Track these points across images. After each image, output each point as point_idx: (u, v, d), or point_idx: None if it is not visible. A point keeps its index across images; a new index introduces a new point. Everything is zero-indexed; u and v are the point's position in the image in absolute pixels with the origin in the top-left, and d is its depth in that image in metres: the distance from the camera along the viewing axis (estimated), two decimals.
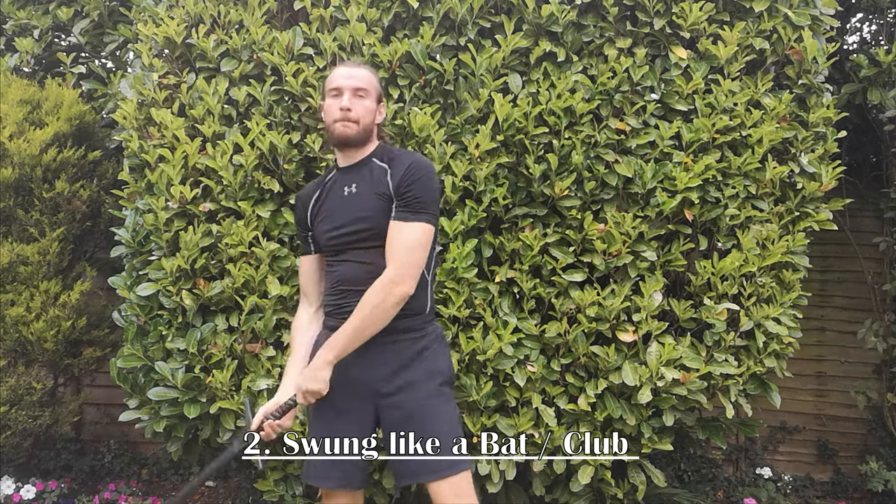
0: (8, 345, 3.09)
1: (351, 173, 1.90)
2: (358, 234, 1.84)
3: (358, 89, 1.86)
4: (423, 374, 1.83)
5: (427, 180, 1.81)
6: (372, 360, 1.82)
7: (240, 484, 3.62)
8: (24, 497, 3.27)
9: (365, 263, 1.83)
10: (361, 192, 1.86)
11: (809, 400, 4.09)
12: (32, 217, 3.19)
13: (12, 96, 3.29)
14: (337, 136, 1.87)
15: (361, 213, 1.84)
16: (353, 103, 1.85)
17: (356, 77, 1.88)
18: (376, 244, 1.81)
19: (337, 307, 1.87)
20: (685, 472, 3.80)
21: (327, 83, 1.91)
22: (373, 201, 1.83)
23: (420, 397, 1.81)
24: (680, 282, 2.82)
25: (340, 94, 1.86)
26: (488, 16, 2.86)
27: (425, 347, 1.85)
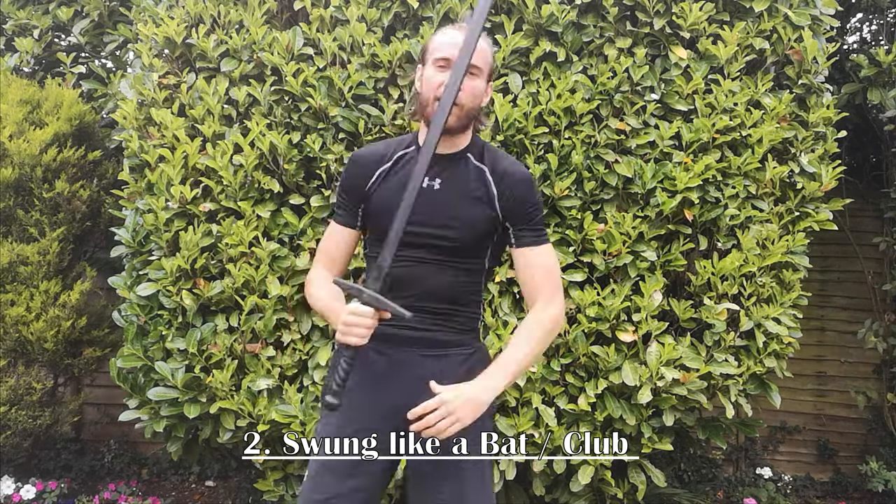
0: (8, 345, 3.09)
1: (438, 163, 1.57)
2: (438, 240, 1.55)
3: (471, 67, 1.51)
4: None
5: (538, 196, 1.62)
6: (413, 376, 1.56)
7: (240, 484, 3.62)
8: (24, 497, 3.27)
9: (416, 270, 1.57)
10: (451, 193, 1.57)
11: (809, 400, 4.09)
12: (32, 217, 3.19)
13: (12, 96, 3.29)
14: None
15: (448, 222, 1.55)
16: (465, 83, 1.50)
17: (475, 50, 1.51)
18: (458, 257, 1.57)
19: None
20: (685, 472, 3.80)
21: (434, 48, 1.55)
22: (464, 212, 1.56)
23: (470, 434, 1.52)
24: (680, 282, 2.82)
25: (448, 69, 1.51)
26: (488, 16, 2.85)
27: (477, 364, 1.61)
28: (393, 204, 1.50)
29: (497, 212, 1.58)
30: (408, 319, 1.45)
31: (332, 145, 2.75)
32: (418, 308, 1.52)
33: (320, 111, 2.75)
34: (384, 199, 1.59)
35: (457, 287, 1.60)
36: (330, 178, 2.75)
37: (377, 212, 1.61)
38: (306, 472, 1.65)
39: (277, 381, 2.66)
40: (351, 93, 2.74)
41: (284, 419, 2.57)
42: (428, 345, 1.58)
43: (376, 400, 1.59)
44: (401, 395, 1.55)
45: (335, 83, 2.74)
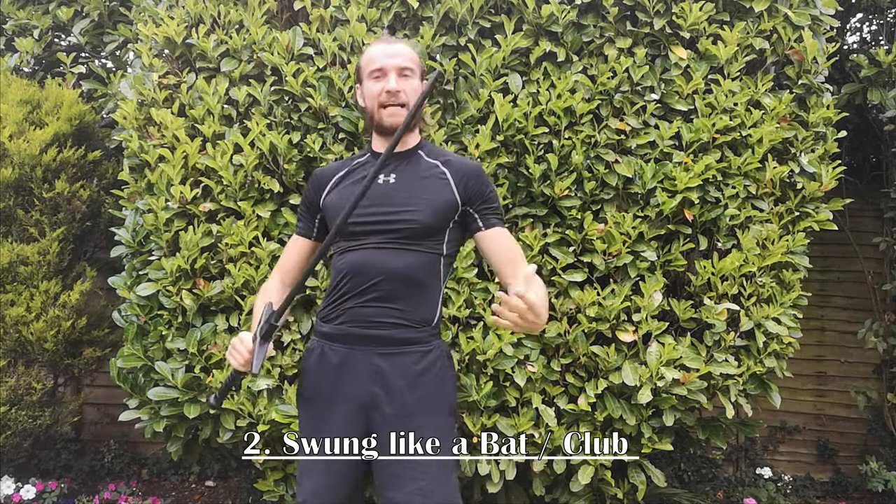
0: (8, 345, 3.09)
1: (390, 161, 1.70)
2: (399, 224, 1.64)
3: (403, 69, 1.67)
4: (432, 398, 1.65)
5: (492, 185, 1.75)
6: (373, 373, 1.65)
7: (240, 484, 3.62)
8: (24, 497, 3.27)
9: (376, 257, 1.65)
10: (406, 184, 1.68)
11: (809, 400, 4.09)
12: (32, 217, 3.19)
13: (12, 96, 3.29)
14: (386, 125, 1.67)
15: (408, 206, 1.65)
16: (401, 84, 1.65)
17: (400, 54, 1.68)
18: (417, 241, 1.66)
19: (334, 310, 1.68)
20: (685, 472, 3.80)
21: (366, 63, 1.70)
22: (425, 197, 1.66)
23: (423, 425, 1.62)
24: (680, 282, 2.83)
25: (384, 76, 1.66)
26: (488, 16, 2.86)
27: (434, 364, 1.68)
28: (346, 201, 1.59)
29: (456, 196, 1.68)
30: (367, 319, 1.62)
31: (332, 145, 2.75)
32: (378, 294, 1.63)
33: (320, 111, 2.75)
34: (339, 199, 1.71)
35: (416, 269, 1.66)
36: None
37: (331, 209, 1.72)
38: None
39: (277, 381, 2.65)
40: (351, 93, 2.74)
41: (284, 419, 2.57)
42: (384, 343, 1.65)
43: (338, 399, 1.66)
44: (360, 393, 1.65)
45: (335, 83, 2.74)
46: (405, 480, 1.59)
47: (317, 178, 1.80)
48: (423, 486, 1.59)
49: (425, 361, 1.67)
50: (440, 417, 1.66)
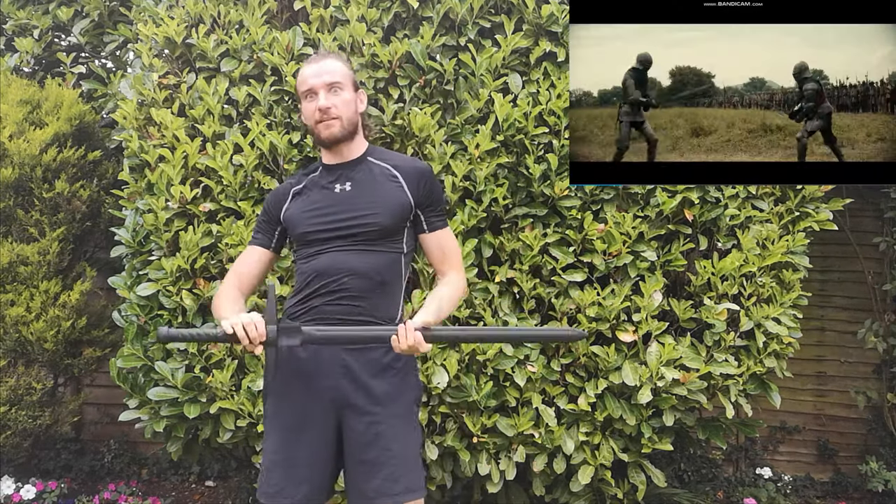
0: (8, 345, 3.09)
1: (342, 171, 1.83)
2: (360, 228, 1.75)
3: (331, 84, 1.77)
4: (395, 389, 1.76)
5: (439, 185, 1.87)
6: (341, 368, 1.73)
7: (240, 484, 3.62)
8: (24, 497, 3.27)
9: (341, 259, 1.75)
10: (360, 190, 1.79)
11: (809, 400, 4.09)
12: (32, 217, 3.19)
13: (12, 96, 3.29)
14: (324, 138, 1.79)
15: (365, 210, 1.76)
16: (330, 100, 1.76)
17: (326, 72, 1.78)
18: (377, 242, 1.77)
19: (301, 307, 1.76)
20: (685, 472, 3.80)
21: (299, 85, 1.82)
22: (381, 201, 1.78)
23: (390, 415, 1.73)
24: (680, 282, 2.82)
25: (315, 95, 1.78)
26: (488, 16, 2.86)
27: (396, 358, 1.76)
28: (304, 210, 1.80)
29: (410, 198, 1.80)
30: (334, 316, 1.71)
31: None
32: (345, 293, 1.73)
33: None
34: (298, 210, 1.83)
35: (380, 268, 1.77)
36: None
37: (293, 221, 1.82)
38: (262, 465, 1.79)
39: None
40: None
41: None
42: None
43: (308, 394, 1.74)
44: (329, 388, 1.74)
45: None
46: (375, 469, 1.70)
47: (276, 195, 1.91)
48: (391, 472, 1.70)
49: (390, 355, 1.75)
50: (405, 407, 1.78)
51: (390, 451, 1.72)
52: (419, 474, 1.77)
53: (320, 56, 1.84)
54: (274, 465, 1.75)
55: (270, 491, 1.74)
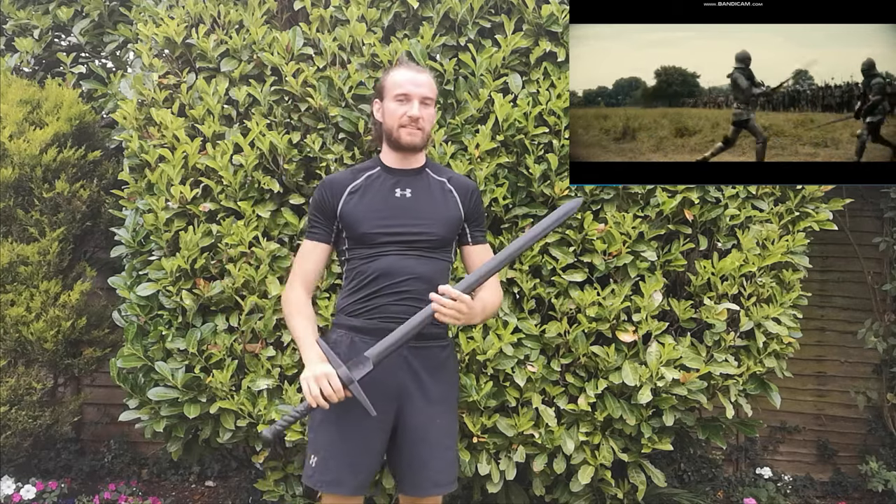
0: (8, 345, 3.09)
1: (403, 177, 1.94)
2: (419, 237, 1.88)
3: (426, 98, 1.90)
4: (448, 385, 1.95)
5: (482, 201, 2.08)
6: (404, 365, 1.87)
7: (240, 484, 3.63)
8: (24, 497, 3.27)
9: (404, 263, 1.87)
10: (420, 200, 1.92)
11: (809, 400, 4.09)
12: (32, 217, 3.19)
13: (12, 96, 3.29)
14: (404, 143, 1.89)
15: (426, 220, 1.90)
16: (422, 112, 1.88)
17: (424, 85, 1.90)
18: (433, 251, 1.91)
19: (364, 305, 1.87)
20: (685, 472, 3.79)
21: (391, 85, 1.90)
22: (439, 213, 1.92)
23: (443, 411, 1.91)
24: (680, 282, 2.82)
25: (408, 101, 1.88)
26: (488, 16, 2.86)
27: (449, 357, 1.98)
28: (365, 211, 1.89)
29: (462, 213, 1.97)
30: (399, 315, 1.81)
31: (332, 145, 2.75)
32: (408, 295, 1.84)
33: (320, 111, 2.75)
34: (357, 208, 1.90)
35: (436, 276, 1.91)
36: None
37: (353, 219, 1.90)
38: (310, 457, 1.89)
39: (277, 381, 2.66)
40: (351, 93, 2.74)
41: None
42: (414, 338, 1.82)
43: (372, 390, 1.80)
44: (392, 383, 1.86)
45: (335, 83, 2.74)
46: (428, 462, 1.87)
47: (332, 186, 1.95)
48: (442, 464, 1.89)
49: (445, 353, 1.95)
50: (453, 404, 1.99)
51: (442, 445, 1.89)
52: (457, 466, 2.01)
53: (416, 67, 1.96)
54: (332, 456, 1.86)
55: (327, 479, 1.85)
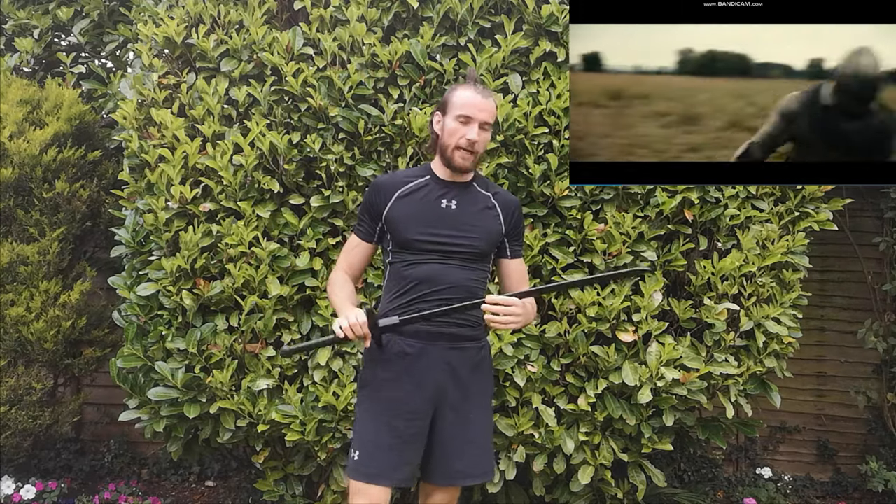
0: (8, 345, 3.09)
1: (451, 189, 1.97)
2: (462, 247, 1.93)
3: (485, 123, 1.92)
4: (484, 383, 2.02)
5: (523, 217, 2.12)
6: (446, 366, 1.93)
7: (240, 484, 3.62)
8: (24, 497, 3.27)
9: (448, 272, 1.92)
10: (466, 212, 1.96)
11: (809, 400, 4.09)
12: (32, 217, 3.19)
13: (12, 96, 3.29)
14: (457, 166, 1.93)
15: (470, 232, 1.94)
16: (481, 136, 1.91)
17: (488, 110, 1.91)
18: (473, 262, 1.95)
19: (407, 309, 1.91)
20: (685, 472, 3.79)
21: (457, 105, 1.92)
22: (481, 226, 1.96)
23: (477, 407, 1.98)
24: (680, 282, 2.82)
25: (469, 123, 1.90)
26: (488, 16, 2.86)
27: (485, 357, 2.03)
28: (411, 218, 1.94)
29: (503, 228, 2.01)
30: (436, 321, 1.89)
31: (332, 145, 2.75)
32: (446, 303, 1.89)
33: (320, 111, 2.75)
34: (403, 214, 1.95)
35: (475, 285, 1.97)
36: (330, 177, 2.75)
37: (397, 225, 1.95)
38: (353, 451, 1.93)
39: (277, 381, 2.66)
40: (351, 93, 2.74)
41: (284, 419, 2.57)
42: (452, 339, 1.93)
43: (416, 388, 1.91)
44: (432, 381, 1.92)
45: (335, 83, 2.74)
46: (461, 454, 1.95)
47: (382, 188, 2.00)
48: (475, 457, 1.98)
49: (482, 354, 2.02)
50: (489, 400, 2.07)
51: (476, 438, 1.97)
52: (493, 458, 2.11)
53: (483, 90, 1.94)
54: (376, 450, 1.90)
55: (372, 472, 1.89)
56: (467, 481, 2.03)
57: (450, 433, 1.94)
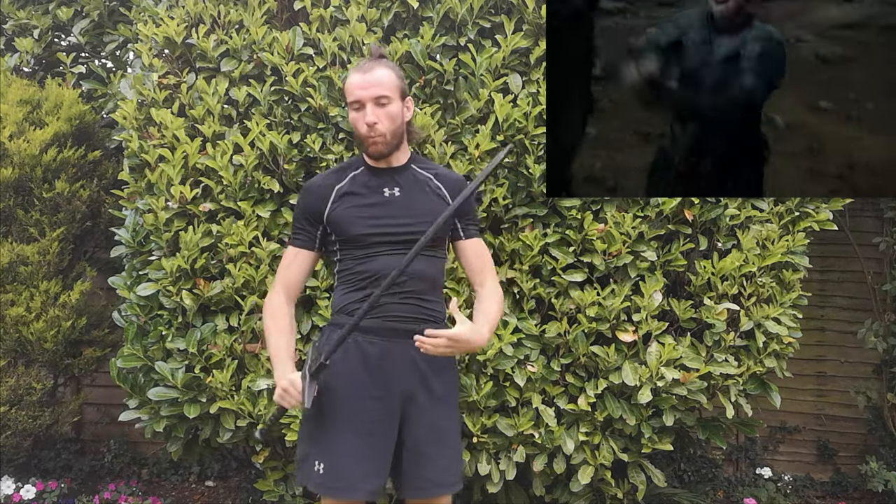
0: (8, 345, 3.09)
1: (387, 176, 1.88)
2: (412, 235, 1.79)
3: (379, 98, 1.78)
4: (450, 388, 1.92)
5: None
6: (411, 365, 1.84)
7: (240, 484, 3.63)
8: (24, 497, 3.27)
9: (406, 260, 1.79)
10: (409, 197, 1.87)
11: (809, 400, 4.09)
12: (32, 217, 3.19)
13: (12, 96, 3.29)
14: (372, 154, 1.84)
15: (417, 218, 1.83)
16: (378, 115, 1.78)
17: (374, 83, 1.78)
18: (427, 250, 1.82)
19: (362, 300, 1.78)
20: (685, 472, 3.80)
21: (347, 92, 1.82)
22: (429, 210, 1.84)
23: (445, 412, 1.89)
24: (680, 282, 2.82)
25: (362, 108, 1.79)
26: (488, 16, 2.86)
27: (452, 357, 1.93)
28: (355, 213, 1.84)
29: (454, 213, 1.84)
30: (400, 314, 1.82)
31: (332, 145, 2.75)
32: (409, 294, 1.82)
33: (320, 111, 2.75)
34: (346, 211, 1.85)
35: (434, 273, 1.90)
36: None
37: (341, 223, 1.85)
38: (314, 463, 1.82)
39: None
40: None
41: (284, 419, 2.57)
42: (412, 335, 1.75)
43: (378, 386, 1.82)
44: (394, 380, 1.83)
45: (335, 83, 2.74)
46: (432, 461, 1.84)
47: (317, 189, 1.90)
48: (446, 463, 1.86)
49: None
50: (454, 404, 1.96)
51: (446, 445, 1.87)
52: (461, 465, 2.00)
53: (369, 64, 1.81)
54: (340, 458, 1.79)
55: (340, 486, 1.78)
56: (439, 491, 1.85)
57: (418, 441, 1.83)
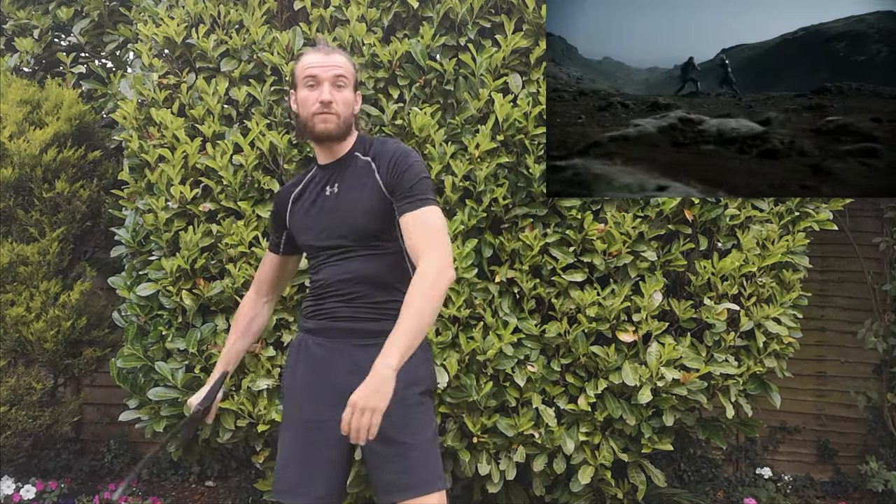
0: (8, 345, 3.09)
1: (332, 170, 1.79)
2: (345, 237, 1.73)
3: (338, 77, 1.72)
4: (403, 382, 1.56)
5: (418, 166, 1.70)
6: (351, 366, 1.68)
7: (240, 484, 3.62)
8: (24, 497, 3.27)
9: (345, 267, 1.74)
10: (344, 194, 1.75)
11: (809, 400, 4.09)
12: (32, 217, 3.19)
13: (12, 96, 3.29)
14: (318, 132, 1.72)
15: (349, 214, 1.73)
16: (333, 95, 1.71)
17: (334, 65, 1.72)
18: (366, 245, 1.72)
19: (316, 308, 1.79)
20: (685, 472, 3.80)
21: (300, 70, 1.75)
22: (363, 202, 1.72)
23: (400, 409, 1.62)
24: (680, 282, 2.82)
25: (318, 85, 1.71)
26: (488, 16, 2.86)
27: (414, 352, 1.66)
28: (302, 221, 1.81)
29: (383, 190, 1.71)
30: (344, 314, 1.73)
31: None
32: (356, 296, 1.72)
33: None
34: (297, 218, 1.83)
35: (382, 270, 1.74)
36: None
37: (295, 230, 1.84)
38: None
39: (277, 381, 2.65)
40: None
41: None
42: (361, 335, 1.72)
43: (321, 388, 1.74)
44: (341, 382, 1.67)
45: None
46: (388, 463, 1.68)
47: (280, 199, 1.90)
48: (404, 465, 1.68)
49: None
50: (415, 400, 1.72)
51: (403, 444, 1.67)
52: (434, 466, 1.70)
53: (328, 49, 1.78)
54: (289, 462, 1.76)
55: (284, 489, 1.74)
56: (408, 494, 1.66)
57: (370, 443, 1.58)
